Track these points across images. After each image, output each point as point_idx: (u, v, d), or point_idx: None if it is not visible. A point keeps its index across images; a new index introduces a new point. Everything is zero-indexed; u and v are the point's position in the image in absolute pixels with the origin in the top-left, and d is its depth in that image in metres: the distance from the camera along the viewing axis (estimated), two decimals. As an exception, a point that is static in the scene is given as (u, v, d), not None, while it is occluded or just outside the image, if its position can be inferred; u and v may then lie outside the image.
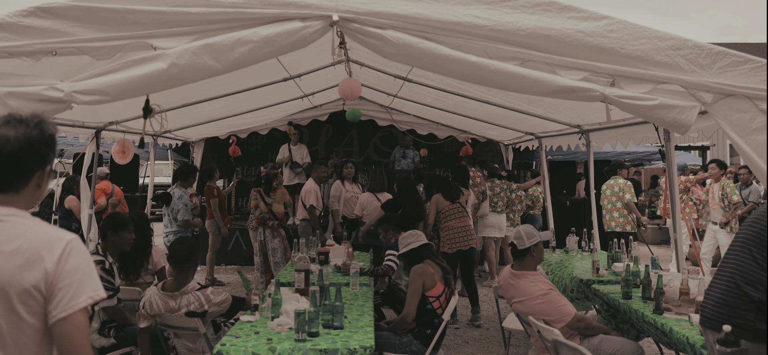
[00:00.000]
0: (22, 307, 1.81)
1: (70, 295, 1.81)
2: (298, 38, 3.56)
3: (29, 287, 1.81)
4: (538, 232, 4.72)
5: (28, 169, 1.91)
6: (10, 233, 1.84)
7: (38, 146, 1.91)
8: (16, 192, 1.90)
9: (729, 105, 3.60)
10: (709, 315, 3.08)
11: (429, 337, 4.70)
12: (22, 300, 1.81)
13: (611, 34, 3.58)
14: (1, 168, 1.87)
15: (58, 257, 1.83)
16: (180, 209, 8.15)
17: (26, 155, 1.89)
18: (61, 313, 1.80)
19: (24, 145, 1.88)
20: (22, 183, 1.91)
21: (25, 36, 3.41)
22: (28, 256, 1.82)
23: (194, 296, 4.27)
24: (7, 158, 1.87)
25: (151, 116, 4.16)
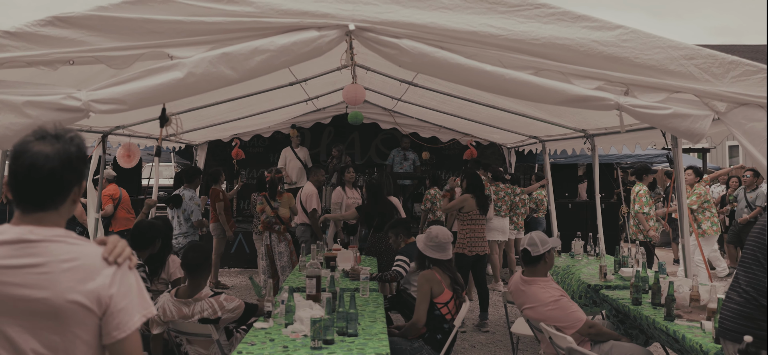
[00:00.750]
0: (76, 325, 1.82)
1: (127, 315, 1.85)
2: (314, 47, 3.59)
3: (85, 306, 1.81)
4: (550, 239, 4.74)
5: (66, 185, 1.89)
6: (66, 252, 1.84)
7: (77, 162, 1.89)
8: (55, 209, 1.88)
9: (743, 114, 3.63)
10: (729, 327, 3.11)
11: (440, 342, 4.72)
12: (78, 319, 1.81)
13: (625, 43, 3.60)
14: (42, 185, 1.85)
15: (111, 277, 1.85)
16: (193, 209, 8.20)
17: (66, 172, 1.87)
18: (120, 334, 1.84)
19: (64, 161, 1.86)
20: (61, 200, 1.89)
21: (43, 45, 3.42)
22: (84, 275, 1.82)
23: (207, 303, 4.29)
24: (48, 175, 1.84)
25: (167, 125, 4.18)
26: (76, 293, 1.80)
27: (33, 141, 1.86)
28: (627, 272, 5.92)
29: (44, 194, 1.86)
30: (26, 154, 1.84)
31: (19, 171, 1.84)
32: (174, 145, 10.77)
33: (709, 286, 4.53)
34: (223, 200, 9.32)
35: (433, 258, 4.92)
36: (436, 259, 4.92)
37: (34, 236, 1.84)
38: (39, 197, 1.86)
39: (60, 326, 1.81)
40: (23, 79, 3.60)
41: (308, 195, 8.76)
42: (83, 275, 1.82)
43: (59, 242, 1.85)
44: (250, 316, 4.55)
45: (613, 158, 12.70)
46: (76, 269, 1.82)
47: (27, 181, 1.85)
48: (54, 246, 1.84)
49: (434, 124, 11.47)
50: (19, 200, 1.87)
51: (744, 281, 3.13)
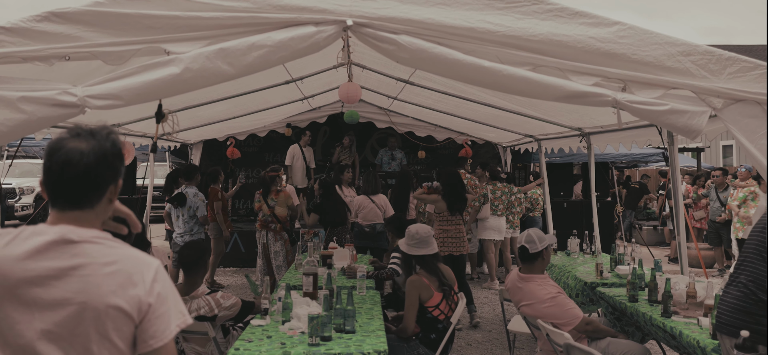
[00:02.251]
0: (114, 331, 1.77)
1: (164, 323, 1.81)
2: (312, 43, 3.57)
3: (123, 311, 1.76)
4: (547, 236, 4.74)
5: (102, 183, 1.83)
6: (106, 255, 1.79)
7: (112, 159, 1.84)
8: (91, 207, 1.83)
9: (739, 110, 3.64)
10: (727, 321, 3.11)
11: (434, 341, 4.70)
12: (115, 324, 1.77)
13: (622, 39, 3.60)
14: (77, 182, 1.79)
15: (150, 284, 1.81)
16: (199, 205, 8.21)
17: (101, 168, 1.81)
18: (157, 342, 1.80)
19: (99, 158, 1.80)
20: (97, 198, 1.84)
21: (39, 41, 3.40)
22: (123, 280, 1.78)
23: (204, 300, 4.28)
24: (84, 172, 1.79)
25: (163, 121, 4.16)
26: (117, 298, 1.76)
27: (68, 138, 1.82)
28: (623, 270, 5.93)
29: (80, 192, 1.81)
30: (61, 150, 1.79)
31: (54, 168, 1.79)
32: (169, 145, 10.73)
33: (706, 283, 4.53)
34: (222, 199, 9.31)
35: (419, 255, 4.85)
36: (421, 256, 4.85)
37: (75, 237, 1.78)
38: (75, 194, 1.81)
39: (97, 333, 1.76)
40: (18, 74, 3.57)
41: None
42: (124, 279, 1.78)
43: (98, 244, 1.81)
44: (247, 314, 4.53)
45: (608, 157, 12.72)
46: (117, 273, 1.78)
47: (62, 178, 1.79)
48: (93, 248, 1.79)
49: (430, 124, 11.48)
50: (55, 198, 1.82)
51: (744, 275, 3.14)
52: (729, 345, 3.07)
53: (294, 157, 11.36)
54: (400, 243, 5.08)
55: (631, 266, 5.03)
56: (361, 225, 8.36)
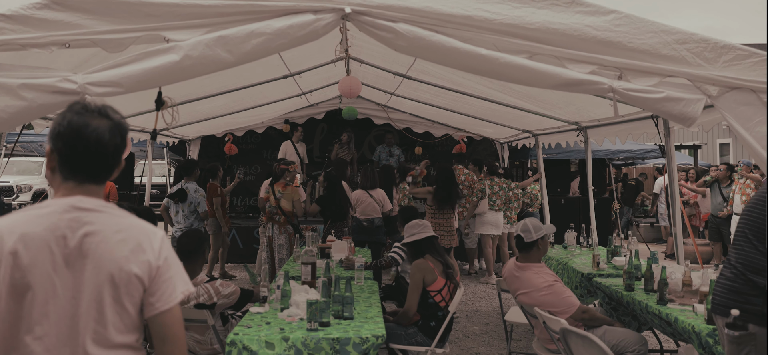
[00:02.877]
0: (126, 296, 1.85)
1: (171, 288, 1.90)
2: (311, 31, 3.60)
3: (135, 276, 1.85)
4: (544, 225, 4.77)
5: (120, 158, 1.94)
6: (115, 223, 1.88)
7: (127, 135, 1.94)
8: (104, 182, 1.94)
9: (734, 98, 3.67)
10: (720, 301, 3.16)
11: (433, 329, 4.74)
12: (128, 290, 1.85)
13: (618, 28, 3.64)
14: (106, 159, 1.89)
15: (158, 249, 1.90)
16: (200, 201, 8.23)
17: (123, 146, 1.93)
18: (165, 305, 1.88)
19: (123, 136, 1.91)
20: (113, 172, 1.95)
21: (39, 28, 3.42)
22: (133, 246, 1.86)
23: (203, 288, 4.30)
24: (114, 150, 1.89)
25: (163, 109, 4.18)
26: (131, 264, 1.84)
27: (85, 114, 1.87)
28: (620, 262, 5.97)
29: (105, 167, 1.91)
30: (89, 128, 1.85)
31: (82, 145, 1.85)
32: (167, 140, 10.74)
33: (702, 271, 4.57)
34: (221, 195, 9.33)
35: (422, 239, 4.93)
36: (424, 239, 4.93)
37: (85, 205, 1.87)
38: (99, 169, 1.90)
39: (111, 298, 1.84)
40: (19, 62, 3.60)
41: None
42: (134, 245, 1.86)
43: (106, 213, 1.89)
44: (246, 302, 4.56)
45: (605, 154, 12.76)
46: (127, 239, 1.86)
47: (90, 154, 1.87)
48: (103, 216, 1.87)
49: (428, 120, 11.49)
50: (76, 172, 1.88)
51: (734, 257, 3.19)
52: (721, 324, 3.12)
53: (287, 154, 11.37)
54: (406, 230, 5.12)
55: (627, 258, 5.07)
56: (359, 219, 8.39)
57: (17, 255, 1.77)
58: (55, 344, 1.79)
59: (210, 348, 4.52)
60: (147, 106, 7.07)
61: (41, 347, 1.78)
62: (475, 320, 7.35)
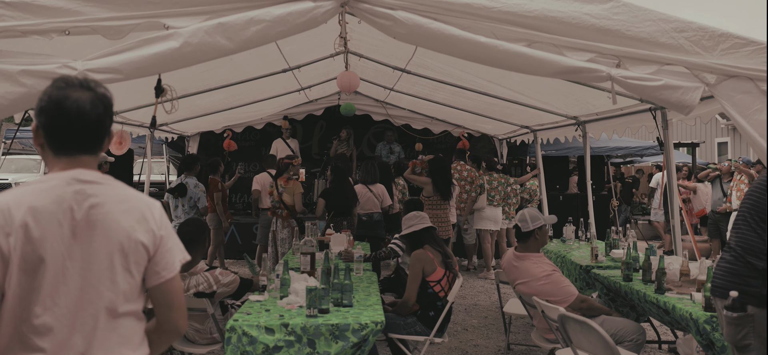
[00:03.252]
0: (134, 264, 1.89)
1: (172, 256, 1.96)
2: (310, 18, 3.61)
3: (142, 245, 1.90)
4: (543, 215, 4.79)
5: (107, 129, 1.95)
6: (117, 194, 1.91)
7: (111, 107, 1.96)
8: (95, 154, 1.95)
9: (732, 86, 3.68)
10: (719, 284, 3.18)
11: (432, 319, 4.75)
12: (136, 258, 1.89)
13: (616, 16, 3.65)
14: (91, 130, 1.90)
15: (159, 220, 1.95)
16: (200, 196, 8.25)
17: (108, 117, 1.94)
18: (169, 273, 1.94)
19: (107, 107, 1.92)
20: (101, 144, 1.95)
21: (39, 15, 3.43)
22: (138, 216, 1.91)
23: (203, 277, 4.31)
24: (96, 120, 1.89)
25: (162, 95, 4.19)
26: (138, 233, 1.89)
27: (66, 88, 1.89)
28: (618, 254, 5.99)
29: (93, 138, 1.92)
30: (69, 100, 1.86)
31: (64, 117, 1.86)
32: (166, 136, 10.74)
33: (700, 261, 4.59)
34: (222, 190, 9.33)
35: (421, 230, 4.95)
36: (423, 230, 4.96)
37: (86, 177, 1.89)
38: (87, 141, 1.91)
39: (121, 266, 1.88)
40: (19, 49, 3.61)
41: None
42: (139, 215, 1.91)
43: (107, 184, 1.92)
44: (245, 291, 4.57)
45: (603, 151, 12.78)
46: (131, 209, 1.90)
47: (74, 126, 1.87)
48: (105, 188, 1.90)
49: (426, 116, 11.50)
50: (65, 145, 1.89)
51: (734, 240, 3.22)
52: (720, 307, 3.14)
53: (278, 151, 11.38)
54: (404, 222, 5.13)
55: (625, 250, 5.08)
56: (358, 214, 8.41)
57: (28, 228, 1.77)
58: (66, 314, 1.81)
59: (209, 337, 4.54)
60: (146, 99, 7.08)
61: (52, 318, 1.79)
62: (473, 314, 7.36)
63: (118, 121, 7.94)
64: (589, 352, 3.65)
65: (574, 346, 3.75)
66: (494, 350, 5.97)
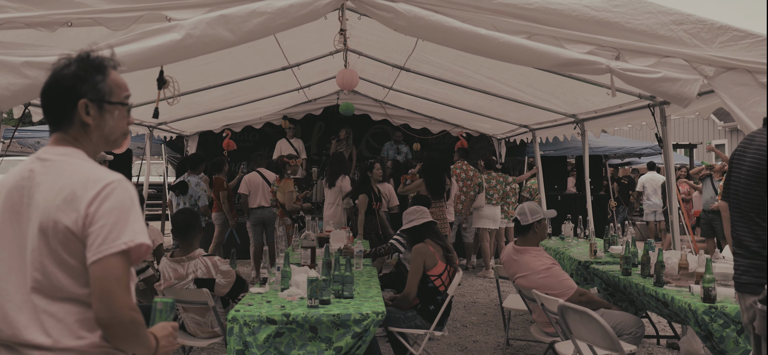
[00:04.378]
0: (62, 248, 1.78)
1: (102, 238, 1.73)
2: (311, 10, 3.63)
3: (65, 228, 1.76)
4: (542, 209, 4.81)
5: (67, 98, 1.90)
6: (56, 173, 1.83)
7: (64, 80, 1.90)
8: (68, 126, 1.91)
9: (730, 78, 3.72)
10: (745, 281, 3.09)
11: (432, 313, 4.76)
12: (62, 242, 1.77)
13: (616, 8, 3.68)
14: (50, 102, 1.92)
15: (91, 198, 1.76)
16: (200, 195, 8.26)
17: (66, 91, 1.89)
18: (93, 256, 1.74)
19: (69, 75, 1.90)
20: (68, 116, 1.91)
21: (42, 7, 3.45)
22: (66, 196, 1.77)
23: (201, 262, 4.36)
24: (56, 96, 1.90)
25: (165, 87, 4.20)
26: (61, 213, 1.77)
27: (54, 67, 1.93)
28: (616, 250, 6.01)
29: (53, 114, 1.92)
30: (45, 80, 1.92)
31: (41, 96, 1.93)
32: (165, 136, 10.75)
33: (698, 255, 4.61)
34: (227, 189, 9.33)
35: (422, 224, 4.97)
36: (423, 225, 4.98)
37: (46, 156, 1.88)
38: (52, 116, 1.92)
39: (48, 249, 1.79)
40: (22, 40, 3.63)
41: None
42: (69, 194, 1.79)
43: (60, 162, 1.86)
44: (240, 291, 4.58)
45: (602, 151, 12.81)
46: (63, 188, 1.80)
47: (43, 104, 1.92)
48: (56, 165, 1.85)
49: (425, 116, 11.52)
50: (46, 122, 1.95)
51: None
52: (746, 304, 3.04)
53: (281, 151, 11.38)
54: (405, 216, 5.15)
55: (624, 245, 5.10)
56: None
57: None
58: (9, 291, 1.81)
59: (210, 331, 4.55)
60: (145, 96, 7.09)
61: (1, 298, 1.81)
62: (472, 311, 7.38)
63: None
64: (589, 342, 3.67)
65: (574, 337, 3.77)
66: (493, 346, 5.98)
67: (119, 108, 1.97)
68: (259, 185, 8.94)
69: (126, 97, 2.00)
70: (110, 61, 1.99)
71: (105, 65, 1.96)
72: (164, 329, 1.96)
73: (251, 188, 8.95)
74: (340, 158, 9.02)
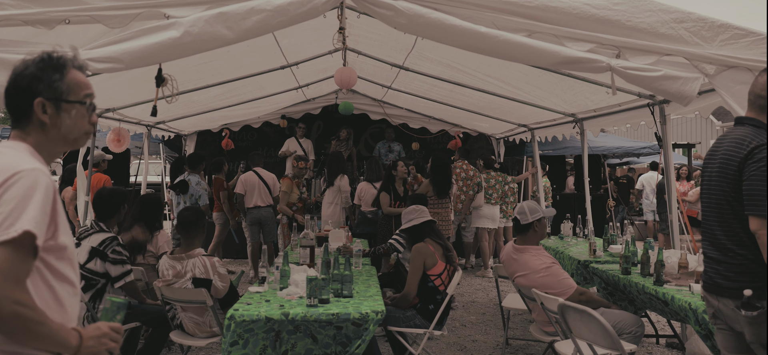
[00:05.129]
0: None
1: None
2: (310, 8, 3.62)
3: None
4: (542, 208, 4.80)
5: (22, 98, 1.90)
6: None
7: (22, 79, 1.91)
8: (25, 125, 1.91)
9: (731, 76, 3.71)
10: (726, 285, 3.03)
11: (432, 312, 4.75)
12: None
13: (617, 6, 3.67)
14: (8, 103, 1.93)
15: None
16: (201, 194, 8.25)
17: (23, 81, 1.90)
18: None
19: (22, 73, 1.91)
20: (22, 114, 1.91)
21: (39, 4, 3.43)
22: None
23: (200, 261, 4.35)
24: (7, 90, 1.92)
25: (163, 85, 4.19)
26: None
27: None
28: (616, 249, 6.00)
29: (10, 109, 1.93)
30: None
31: None
32: (163, 135, 10.72)
33: (698, 254, 4.60)
34: (227, 188, 9.31)
35: (421, 224, 4.96)
36: (423, 224, 4.97)
37: None
38: (8, 111, 1.94)
39: None
40: (20, 37, 3.61)
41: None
42: None
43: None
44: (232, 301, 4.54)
45: (600, 150, 12.81)
46: None
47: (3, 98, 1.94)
48: None
49: (424, 115, 11.50)
50: None
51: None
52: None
53: (288, 148, 11.36)
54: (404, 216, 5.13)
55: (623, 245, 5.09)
56: (363, 212, 8.48)
57: None
58: None
59: (208, 331, 4.53)
60: (143, 95, 7.08)
61: None
62: (471, 311, 7.37)
63: (116, 118, 7.92)
64: (589, 341, 3.66)
65: (574, 336, 3.75)
66: (492, 345, 5.97)
67: (77, 107, 1.95)
68: (256, 185, 8.91)
69: (86, 96, 1.98)
70: (72, 61, 1.98)
71: (63, 65, 1.95)
72: (97, 329, 1.89)
73: (247, 187, 8.91)
74: (339, 157, 9.02)
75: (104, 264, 4.56)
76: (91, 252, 4.56)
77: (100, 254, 4.56)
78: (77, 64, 2.00)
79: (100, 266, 4.55)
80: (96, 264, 4.54)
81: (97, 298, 4.55)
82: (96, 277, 4.55)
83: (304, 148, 11.34)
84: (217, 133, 11.69)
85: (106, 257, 4.56)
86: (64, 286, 1.89)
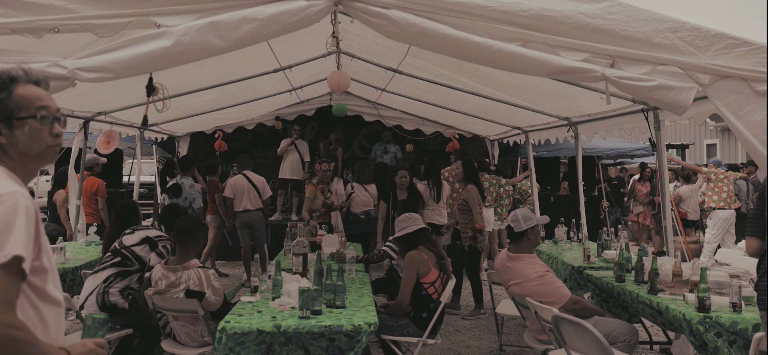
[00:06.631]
0: None
1: None
2: (303, 17, 3.57)
3: None
4: (535, 216, 4.78)
5: None
6: None
7: None
8: None
9: (725, 86, 3.68)
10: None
11: (425, 321, 4.73)
12: None
13: (611, 15, 3.64)
14: None
15: None
16: (195, 197, 8.17)
17: None
18: None
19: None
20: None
21: (28, 12, 3.38)
22: None
23: (195, 273, 4.30)
24: None
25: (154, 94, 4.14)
26: None
27: None
28: (610, 255, 5.99)
29: None
30: None
31: None
32: (156, 136, 10.67)
33: (692, 262, 4.59)
34: (221, 190, 9.26)
35: (414, 232, 4.94)
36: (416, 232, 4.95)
37: None
38: None
39: None
40: (8, 46, 3.56)
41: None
42: None
43: None
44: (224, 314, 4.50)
45: (594, 151, 12.80)
46: None
47: None
48: None
49: (418, 117, 11.47)
50: None
51: None
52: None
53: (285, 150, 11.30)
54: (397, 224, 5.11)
55: (617, 250, 5.08)
56: (355, 213, 8.50)
57: None
58: None
59: (200, 340, 4.49)
60: (135, 99, 7.03)
61: None
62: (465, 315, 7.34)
63: (108, 121, 7.87)
64: (582, 353, 3.64)
65: (568, 347, 3.73)
66: (486, 351, 5.95)
67: (30, 122, 1.89)
68: (245, 188, 8.83)
69: (37, 109, 1.91)
70: (18, 76, 1.93)
71: (9, 82, 1.90)
72: (83, 346, 1.87)
73: (237, 191, 8.83)
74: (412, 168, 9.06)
75: (150, 252, 4.85)
76: (144, 239, 4.91)
77: (151, 243, 4.90)
78: (26, 78, 1.95)
79: (146, 254, 4.85)
80: (143, 250, 4.87)
81: (120, 278, 4.77)
82: (134, 260, 4.83)
83: (299, 150, 11.27)
84: (211, 135, 11.63)
85: (155, 247, 4.87)
86: (49, 306, 1.87)
